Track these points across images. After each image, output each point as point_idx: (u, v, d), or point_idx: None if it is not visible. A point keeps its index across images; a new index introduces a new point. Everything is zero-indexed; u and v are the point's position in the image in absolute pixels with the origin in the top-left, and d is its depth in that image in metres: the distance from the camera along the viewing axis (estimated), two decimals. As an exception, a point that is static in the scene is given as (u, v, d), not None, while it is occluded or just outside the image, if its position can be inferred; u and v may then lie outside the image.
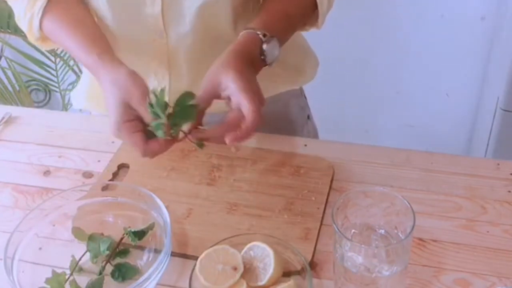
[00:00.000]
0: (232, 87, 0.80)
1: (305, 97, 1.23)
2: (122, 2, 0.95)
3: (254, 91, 0.81)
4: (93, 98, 1.13)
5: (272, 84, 1.08)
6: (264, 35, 0.87)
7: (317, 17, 0.98)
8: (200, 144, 0.82)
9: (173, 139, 0.82)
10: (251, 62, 0.86)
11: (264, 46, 0.87)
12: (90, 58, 0.89)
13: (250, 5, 0.99)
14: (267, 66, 0.89)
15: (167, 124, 0.80)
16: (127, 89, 0.82)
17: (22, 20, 0.97)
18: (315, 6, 0.96)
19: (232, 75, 0.81)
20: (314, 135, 1.27)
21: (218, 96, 0.83)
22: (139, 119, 0.82)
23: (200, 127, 0.83)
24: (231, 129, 0.80)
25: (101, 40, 0.92)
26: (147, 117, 0.81)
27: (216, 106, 0.84)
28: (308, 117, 1.23)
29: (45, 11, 0.94)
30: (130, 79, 0.83)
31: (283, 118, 1.16)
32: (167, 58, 1.01)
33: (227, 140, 0.80)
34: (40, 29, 0.96)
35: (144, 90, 0.82)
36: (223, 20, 0.97)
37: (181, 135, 0.82)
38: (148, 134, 0.82)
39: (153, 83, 1.03)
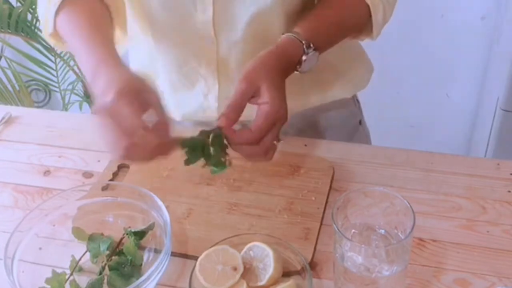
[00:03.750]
0: (266, 104, 0.79)
1: (358, 102, 1.19)
2: (173, 7, 0.94)
3: (282, 117, 0.80)
4: None
5: (324, 93, 1.07)
6: (308, 47, 0.86)
7: (371, 27, 0.96)
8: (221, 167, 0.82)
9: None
10: (286, 70, 0.85)
11: (304, 58, 0.86)
12: (93, 58, 0.84)
13: (304, 13, 0.95)
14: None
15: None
16: (139, 80, 0.78)
17: (40, 13, 0.96)
18: (370, 16, 0.94)
19: (271, 89, 0.80)
20: (366, 141, 1.23)
21: (250, 98, 0.81)
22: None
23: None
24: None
25: (110, 45, 0.88)
26: (161, 113, 0.77)
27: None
28: (360, 122, 1.20)
29: (62, 6, 0.91)
30: (140, 77, 0.79)
31: (327, 125, 1.13)
32: (217, 65, 1.00)
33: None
34: (54, 25, 0.93)
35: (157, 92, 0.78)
36: (275, 28, 0.94)
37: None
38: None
39: (202, 89, 1.02)
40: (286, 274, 0.79)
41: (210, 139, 0.80)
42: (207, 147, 0.80)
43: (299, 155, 0.99)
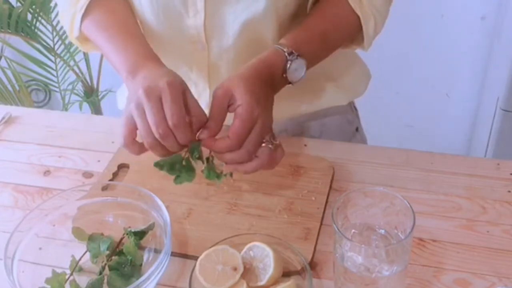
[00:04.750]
0: (239, 107, 0.78)
1: (355, 109, 1.18)
2: (165, 11, 0.93)
3: (259, 116, 0.78)
4: None
5: (318, 99, 1.07)
6: (291, 54, 0.84)
7: (362, 38, 0.95)
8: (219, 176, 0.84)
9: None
10: (269, 81, 0.83)
11: (288, 65, 0.84)
12: (131, 54, 0.86)
13: (296, 20, 0.95)
14: (290, 84, 0.87)
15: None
16: (181, 79, 0.80)
17: (65, 16, 0.96)
18: (361, 27, 0.93)
19: (244, 96, 0.78)
20: None
21: (227, 108, 0.80)
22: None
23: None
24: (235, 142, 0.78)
25: (143, 45, 0.89)
26: (201, 113, 0.79)
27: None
28: (357, 129, 1.18)
29: (88, 9, 0.92)
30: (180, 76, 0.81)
31: (321, 132, 1.13)
32: (208, 70, 1.00)
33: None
34: (79, 28, 0.94)
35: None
36: (267, 35, 0.94)
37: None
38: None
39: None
40: (286, 274, 0.79)
41: (188, 151, 0.80)
42: (187, 159, 0.81)
43: (299, 155, 0.99)
